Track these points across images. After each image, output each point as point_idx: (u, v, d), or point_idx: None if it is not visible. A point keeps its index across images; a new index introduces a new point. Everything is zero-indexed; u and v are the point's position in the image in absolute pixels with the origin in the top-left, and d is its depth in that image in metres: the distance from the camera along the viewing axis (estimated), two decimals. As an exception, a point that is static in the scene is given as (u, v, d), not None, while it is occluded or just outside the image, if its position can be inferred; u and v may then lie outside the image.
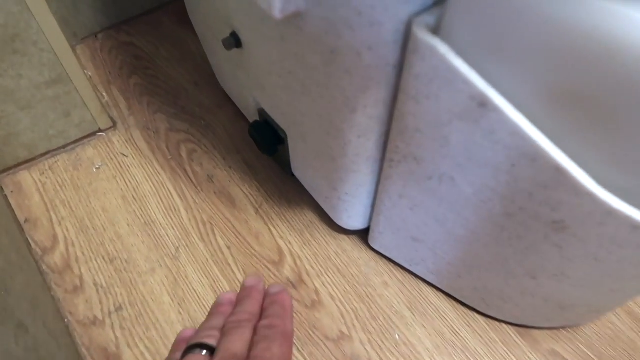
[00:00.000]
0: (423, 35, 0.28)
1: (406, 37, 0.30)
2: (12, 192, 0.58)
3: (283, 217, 0.57)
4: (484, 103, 0.29)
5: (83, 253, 0.54)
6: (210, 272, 0.53)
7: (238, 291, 0.34)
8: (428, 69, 0.29)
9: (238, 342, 0.28)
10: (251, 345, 0.28)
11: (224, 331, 0.29)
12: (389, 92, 0.35)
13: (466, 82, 0.28)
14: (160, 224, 0.56)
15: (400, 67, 0.32)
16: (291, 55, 0.37)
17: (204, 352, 0.28)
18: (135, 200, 0.58)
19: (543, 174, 0.30)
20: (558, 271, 0.38)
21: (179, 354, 0.29)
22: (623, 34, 0.22)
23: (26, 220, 0.56)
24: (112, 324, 0.50)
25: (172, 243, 0.55)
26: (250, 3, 0.38)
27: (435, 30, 0.29)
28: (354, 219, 0.51)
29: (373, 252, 0.55)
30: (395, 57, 0.31)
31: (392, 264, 0.54)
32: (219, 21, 0.48)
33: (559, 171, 0.29)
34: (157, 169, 0.60)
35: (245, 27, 0.42)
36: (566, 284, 0.39)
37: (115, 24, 0.73)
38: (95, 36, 0.72)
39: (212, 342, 0.29)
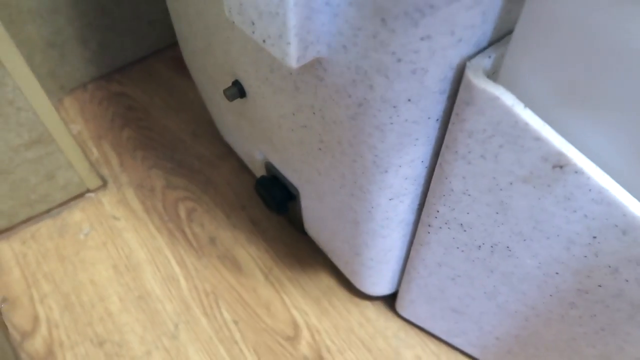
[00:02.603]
0: (481, 83, 0.22)
1: (455, 86, 0.24)
2: (-11, 265, 0.51)
3: (296, 283, 0.50)
4: (561, 164, 0.23)
5: (68, 336, 0.47)
6: (215, 353, 0.46)
7: None
8: (487, 124, 0.23)
9: None
10: None
11: None
12: (429, 149, 0.29)
13: (539, 140, 0.22)
14: (157, 297, 0.49)
15: (446, 120, 0.27)
16: (307, 108, 0.31)
17: None
18: (128, 270, 0.51)
19: (637, 248, 0.24)
20: (642, 355, 0.31)
21: None
22: None
23: (4, 300, 0.49)
24: (102, 423, 0.42)
25: (170, 319, 0.48)
26: (257, 49, 0.32)
27: (493, 76, 0.23)
28: (380, 286, 0.45)
29: (401, 320, 0.48)
30: (440, 109, 0.26)
31: (424, 334, 0.47)
32: (219, 69, 0.43)
33: (661, 246, 0.23)
34: (152, 233, 0.53)
35: (251, 76, 0.36)
36: (651, 369, 0.32)
37: (106, 74, 0.68)
38: (85, 87, 0.66)
39: None
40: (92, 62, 0.65)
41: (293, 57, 0.24)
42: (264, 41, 0.25)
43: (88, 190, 0.56)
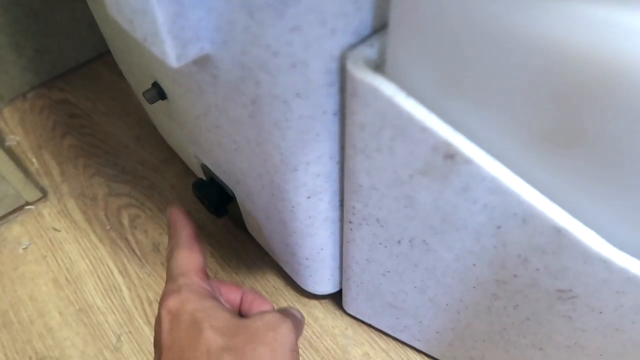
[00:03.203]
0: (360, 73, 0.21)
1: (343, 78, 0.23)
2: None
3: (243, 285, 0.49)
4: (451, 154, 0.22)
5: (6, 355, 0.45)
6: (159, 363, 0.44)
7: None
8: (374, 116, 0.22)
9: None
10: None
11: None
12: (335, 145, 0.28)
13: (425, 130, 0.21)
14: (98, 309, 0.48)
15: (344, 114, 0.25)
16: (213, 107, 0.30)
17: None
18: (69, 283, 0.49)
19: (539, 237, 0.23)
20: (570, 342, 0.30)
21: None
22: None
23: (-63, 321, 0.47)
24: None
25: (112, 331, 0.46)
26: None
27: (378, 66, 0.22)
28: (321, 284, 0.44)
29: (349, 318, 0.47)
30: (335, 102, 0.25)
31: (373, 330, 0.46)
32: (140, 71, 0.41)
33: (560, 233, 0.22)
34: (94, 243, 0.52)
35: (164, 76, 0.35)
36: (581, 355, 0.32)
37: (46, 81, 0.66)
38: (24, 96, 0.64)
39: None
40: (29, 69, 0.63)
41: (171, 56, 0.23)
42: (144, 40, 0.24)
43: (27, 203, 0.54)
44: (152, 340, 0.45)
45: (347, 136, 0.25)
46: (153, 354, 0.44)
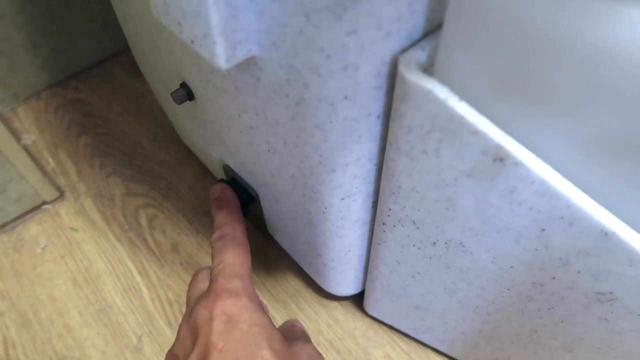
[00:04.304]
0: (413, 77, 0.21)
1: (391, 81, 0.23)
2: (-60, 286, 0.49)
3: (263, 287, 0.49)
4: (501, 157, 0.22)
5: (26, 355, 0.45)
6: (181, 364, 0.44)
7: None
8: (424, 119, 0.23)
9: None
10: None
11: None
12: (375, 147, 0.28)
13: (476, 133, 0.21)
14: (119, 309, 0.48)
15: (388, 116, 0.26)
16: (250, 109, 0.30)
17: None
18: (88, 283, 0.49)
19: (584, 240, 0.23)
20: (602, 344, 0.31)
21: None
22: None
23: (-44, 321, 0.47)
24: None
25: (133, 331, 0.46)
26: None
27: (429, 69, 0.22)
28: (345, 286, 0.44)
29: (370, 319, 0.47)
30: (380, 106, 0.25)
31: (394, 332, 0.46)
32: (167, 71, 0.41)
33: (607, 236, 0.22)
34: (112, 243, 0.52)
35: (195, 77, 0.35)
36: (611, 357, 0.32)
37: (61, 80, 0.65)
38: (39, 95, 0.64)
39: None
40: (44, 69, 0.63)
41: (221, 58, 0.23)
42: (192, 42, 0.24)
43: (44, 202, 0.54)
44: (173, 341, 0.45)
45: (391, 138, 0.25)
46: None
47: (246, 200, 0.45)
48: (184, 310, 0.47)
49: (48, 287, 0.49)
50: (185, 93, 0.39)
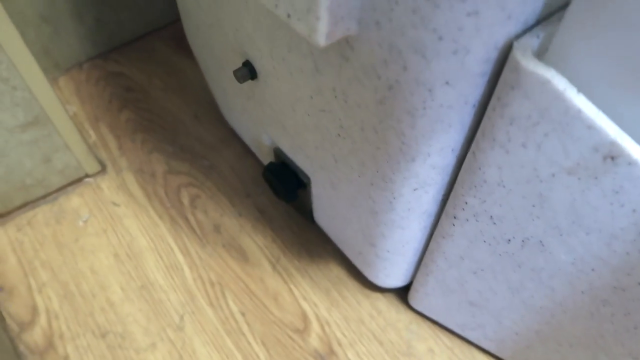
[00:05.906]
0: (530, 65, 0.20)
1: (498, 68, 0.22)
2: (-17, 253, 0.49)
3: (305, 274, 0.48)
4: (613, 155, 0.21)
5: (69, 327, 0.45)
6: (222, 345, 0.44)
7: None
8: (533, 110, 0.21)
9: None
10: None
11: None
12: (462, 137, 0.27)
13: (592, 128, 0.20)
14: (160, 287, 0.47)
15: (483, 106, 0.25)
16: (328, 90, 0.29)
17: None
18: (130, 258, 0.49)
19: (689, 247, 0.22)
20: (676, 354, 0.30)
21: None
22: None
23: (0, 289, 0.47)
24: (105, 417, 0.41)
25: (175, 310, 0.46)
26: (275, 26, 0.30)
27: (540, 57, 0.21)
28: (393, 278, 0.43)
29: (413, 313, 0.46)
30: (479, 94, 0.24)
31: (437, 327, 0.45)
32: (228, 48, 0.40)
33: None
34: (154, 220, 0.51)
35: (265, 55, 0.34)
36: (682, 368, 0.31)
37: (102, 52, 0.65)
38: (81, 66, 0.64)
39: None
40: (88, 39, 0.62)
41: (322, 34, 0.22)
42: (288, 16, 0.23)
43: (86, 175, 0.54)
44: (216, 322, 0.45)
45: (486, 129, 0.24)
46: (216, 336, 0.44)
47: (296, 186, 0.44)
48: (226, 291, 0.47)
49: (90, 260, 0.49)
50: (248, 71, 0.38)
